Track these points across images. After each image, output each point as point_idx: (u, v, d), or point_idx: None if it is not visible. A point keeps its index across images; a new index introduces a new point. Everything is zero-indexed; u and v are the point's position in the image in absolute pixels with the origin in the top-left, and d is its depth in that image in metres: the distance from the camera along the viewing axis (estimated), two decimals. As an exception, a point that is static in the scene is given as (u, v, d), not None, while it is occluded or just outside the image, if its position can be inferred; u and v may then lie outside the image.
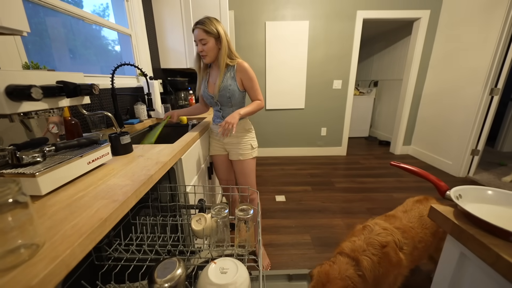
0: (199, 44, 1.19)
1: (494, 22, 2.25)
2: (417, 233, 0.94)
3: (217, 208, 0.74)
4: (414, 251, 0.91)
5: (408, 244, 0.90)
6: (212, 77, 1.32)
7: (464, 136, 2.59)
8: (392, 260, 0.84)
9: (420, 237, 0.94)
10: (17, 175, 0.54)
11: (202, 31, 1.16)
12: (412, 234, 0.93)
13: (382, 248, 0.85)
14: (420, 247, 0.93)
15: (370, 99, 4.50)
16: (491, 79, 2.32)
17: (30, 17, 1.08)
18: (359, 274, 0.83)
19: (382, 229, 0.90)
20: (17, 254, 0.36)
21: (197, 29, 1.17)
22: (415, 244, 0.92)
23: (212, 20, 1.18)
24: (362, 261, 0.84)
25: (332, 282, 0.81)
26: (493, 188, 0.58)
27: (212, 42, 1.18)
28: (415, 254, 0.92)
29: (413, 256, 0.91)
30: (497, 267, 0.42)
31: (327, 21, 2.97)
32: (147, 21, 2.03)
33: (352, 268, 0.84)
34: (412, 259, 0.91)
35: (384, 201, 2.17)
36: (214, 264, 0.62)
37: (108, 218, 0.48)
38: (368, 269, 0.83)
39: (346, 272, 0.83)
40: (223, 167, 1.48)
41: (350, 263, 0.86)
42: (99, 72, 1.61)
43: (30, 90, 0.52)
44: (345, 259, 0.88)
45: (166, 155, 0.89)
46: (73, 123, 0.85)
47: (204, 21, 1.17)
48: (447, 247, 0.57)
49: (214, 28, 1.17)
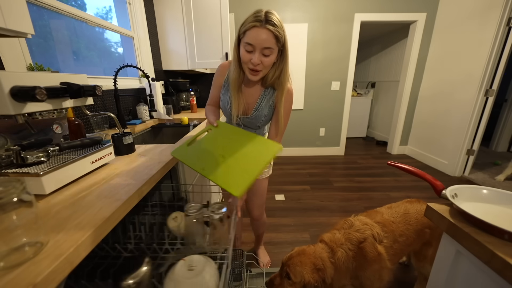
0: (258, 53, 0.77)
1: (489, 24, 2.25)
2: (398, 227, 0.95)
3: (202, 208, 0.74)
4: (395, 244, 0.93)
5: (388, 238, 0.92)
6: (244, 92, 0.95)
7: (459, 137, 2.59)
8: (368, 255, 0.86)
9: (401, 231, 0.95)
10: (21, 174, 0.54)
11: (273, 36, 0.75)
12: (393, 228, 0.94)
13: (359, 244, 0.88)
14: (401, 240, 0.94)
15: (367, 100, 4.50)
16: (486, 80, 2.32)
17: (35, 20, 1.08)
18: (332, 261, 0.87)
19: (362, 224, 0.93)
20: (21, 252, 0.36)
21: (265, 30, 0.74)
22: (395, 238, 0.93)
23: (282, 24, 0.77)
24: (337, 251, 0.87)
25: (305, 256, 0.87)
26: (488, 187, 0.58)
27: (275, 55, 0.81)
28: (396, 247, 0.93)
29: (394, 249, 0.92)
30: (492, 264, 0.42)
31: (326, 24, 2.97)
32: (149, 23, 2.03)
33: (326, 253, 0.89)
34: (393, 252, 0.92)
35: (381, 200, 2.17)
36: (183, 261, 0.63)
37: (111, 217, 0.48)
38: (340, 260, 0.86)
39: (320, 254, 0.88)
40: None
41: (326, 249, 0.90)
42: (102, 73, 1.61)
43: (35, 91, 0.52)
44: (323, 245, 0.92)
45: (168, 154, 0.89)
46: (76, 123, 0.85)
47: (276, 21, 0.75)
48: (443, 245, 0.57)
49: (283, 34, 0.78)
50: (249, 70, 0.83)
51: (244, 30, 0.77)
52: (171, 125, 1.77)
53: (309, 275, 0.83)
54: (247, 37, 0.76)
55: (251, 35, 0.75)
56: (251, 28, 0.75)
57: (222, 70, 0.98)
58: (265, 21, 0.74)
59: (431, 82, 3.03)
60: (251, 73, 0.83)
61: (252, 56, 0.78)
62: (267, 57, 0.79)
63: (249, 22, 0.75)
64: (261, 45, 0.76)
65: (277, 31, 0.75)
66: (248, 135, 0.75)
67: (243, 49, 0.79)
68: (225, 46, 2.19)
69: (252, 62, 0.79)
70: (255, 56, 0.78)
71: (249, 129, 1.04)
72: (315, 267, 0.84)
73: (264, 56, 0.78)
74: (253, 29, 0.75)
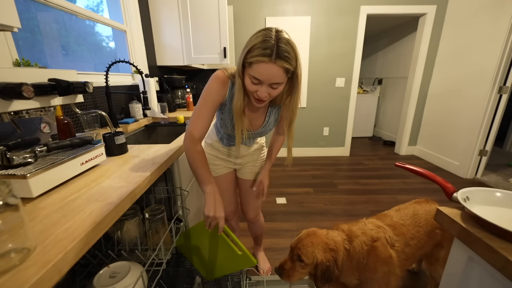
0: (266, 87, 0.74)
1: (503, 17, 2.25)
2: (409, 230, 0.96)
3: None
4: (406, 247, 0.93)
5: (400, 241, 0.92)
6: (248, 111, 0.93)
7: (471, 136, 2.59)
8: (381, 255, 0.86)
9: (412, 234, 0.95)
10: (7, 176, 0.54)
11: (283, 71, 0.71)
12: (403, 231, 0.95)
13: (373, 242, 0.88)
14: (412, 244, 0.94)
15: (374, 98, 4.51)
16: (500, 77, 2.32)
17: (21, 13, 1.08)
18: (346, 247, 0.88)
19: (375, 226, 0.94)
20: (7, 258, 0.36)
21: (276, 66, 0.69)
22: (406, 241, 0.94)
23: (295, 48, 0.72)
24: (353, 240, 0.88)
25: (316, 237, 0.88)
26: (502, 190, 0.58)
27: (284, 85, 0.77)
28: (408, 251, 0.93)
29: (405, 253, 0.93)
30: (506, 271, 0.42)
31: (330, 17, 2.97)
32: (143, 16, 2.03)
33: (341, 238, 0.89)
34: (405, 257, 0.93)
35: (388, 204, 2.17)
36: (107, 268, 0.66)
37: (101, 222, 0.48)
38: (355, 250, 0.87)
39: (334, 237, 0.89)
40: (231, 188, 1.21)
41: (342, 236, 0.91)
42: (93, 69, 1.61)
43: (21, 88, 0.52)
44: (339, 232, 0.93)
45: (163, 155, 0.89)
46: (65, 122, 0.85)
47: (288, 52, 0.69)
48: (454, 250, 0.57)
49: (295, 61, 0.73)
50: (254, 99, 0.81)
51: (250, 61, 0.71)
52: (166, 124, 1.77)
53: (321, 255, 0.84)
54: (253, 70, 0.72)
55: (259, 71, 0.71)
56: (259, 63, 0.69)
57: (219, 87, 0.85)
58: (276, 55, 0.67)
59: (441, 78, 3.03)
60: (257, 102, 0.81)
61: (258, 88, 0.75)
62: (275, 89, 0.76)
63: (257, 54, 0.68)
64: (270, 81, 0.72)
65: (287, 64, 0.69)
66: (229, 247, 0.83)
67: (249, 80, 0.75)
68: (223, 41, 2.19)
69: (258, 95, 0.76)
70: (262, 90, 0.74)
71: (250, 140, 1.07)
72: (327, 246, 0.86)
73: (272, 89, 0.75)
74: (261, 64, 0.69)
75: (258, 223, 1.36)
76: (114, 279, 0.63)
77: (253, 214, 1.30)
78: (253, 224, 1.36)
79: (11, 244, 0.37)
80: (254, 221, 1.34)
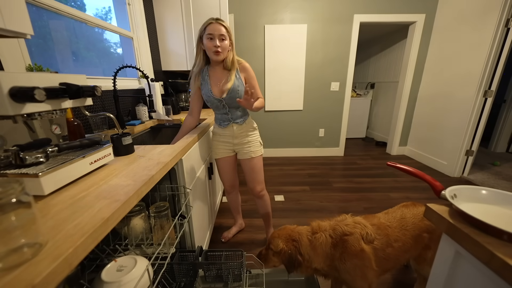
0: (217, 39, 1.12)
1: (488, 25, 2.26)
2: (394, 232, 0.95)
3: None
4: (388, 248, 0.92)
5: (381, 240, 0.92)
6: (215, 79, 1.24)
7: (458, 137, 2.60)
8: (350, 248, 0.89)
9: (397, 236, 0.94)
10: (20, 175, 0.54)
11: (223, 27, 1.12)
12: (388, 232, 0.94)
13: (343, 235, 0.92)
14: (396, 246, 0.93)
15: (367, 101, 4.51)
16: (485, 81, 2.33)
17: (34, 21, 1.08)
18: (309, 238, 0.96)
19: (354, 222, 0.96)
20: (20, 253, 0.36)
21: (218, 24, 1.11)
22: (389, 242, 0.93)
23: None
24: (317, 233, 0.96)
25: (284, 230, 1.02)
26: (487, 188, 0.58)
27: (228, 41, 1.15)
28: (390, 251, 0.92)
29: (386, 253, 0.92)
30: (491, 265, 0.42)
31: (325, 25, 2.98)
32: (149, 24, 2.03)
33: (306, 231, 0.99)
34: (385, 256, 0.92)
35: (381, 201, 2.17)
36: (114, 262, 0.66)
37: (110, 218, 0.48)
38: (318, 240, 0.94)
39: (299, 230, 1.00)
40: (230, 169, 1.46)
41: (308, 229, 1.01)
42: (101, 74, 1.61)
43: (34, 92, 0.52)
44: (307, 227, 1.03)
45: (167, 155, 0.89)
46: (75, 124, 0.85)
47: (222, 20, 1.14)
48: (443, 245, 0.57)
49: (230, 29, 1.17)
50: (213, 53, 1.15)
51: (204, 27, 1.14)
52: (170, 125, 1.77)
53: (283, 243, 0.96)
54: (207, 31, 1.13)
55: (210, 28, 1.12)
56: (209, 24, 1.12)
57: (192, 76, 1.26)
58: (216, 19, 1.13)
59: (430, 82, 3.04)
60: (216, 54, 1.15)
61: (213, 42, 1.13)
62: (223, 41, 1.14)
63: (207, 22, 1.13)
64: (219, 33, 1.11)
65: (225, 24, 1.13)
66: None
67: (206, 40, 1.14)
68: (225, 47, 2.18)
69: (215, 46, 1.13)
70: (216, 41, 1.12)
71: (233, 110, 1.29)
72: (290, 237, 0.98)
73: (222, 41, 1.14)
74: (210, 25, 1.12)
75: (264, 197, 1.49)
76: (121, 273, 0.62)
77: (259, 188, 1.44)
78: (260, 199, 1.49)
79: (24, 239, 0.37)
80: (260, 196, 1.47)
